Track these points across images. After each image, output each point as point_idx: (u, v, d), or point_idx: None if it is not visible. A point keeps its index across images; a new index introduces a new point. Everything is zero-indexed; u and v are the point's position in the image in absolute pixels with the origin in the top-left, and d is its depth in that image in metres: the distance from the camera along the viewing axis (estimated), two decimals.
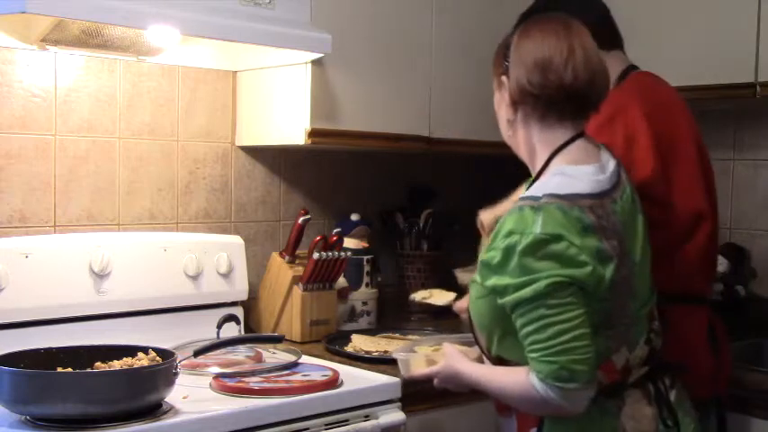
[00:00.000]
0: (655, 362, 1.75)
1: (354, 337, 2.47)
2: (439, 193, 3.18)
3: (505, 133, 1.82)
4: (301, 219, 2.60)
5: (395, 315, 2.99)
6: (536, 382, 1.57)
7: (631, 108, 2.04)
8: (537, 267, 1.55)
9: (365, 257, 2.76)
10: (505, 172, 2.03)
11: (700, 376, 2.00)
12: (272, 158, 2.78)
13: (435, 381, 1.87)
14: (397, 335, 2.56)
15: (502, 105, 1.80)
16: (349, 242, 2.71)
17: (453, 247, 2.92)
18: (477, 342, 1.79)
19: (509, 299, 1.58)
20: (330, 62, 2.45)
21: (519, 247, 1.56)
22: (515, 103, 1.74)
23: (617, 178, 1.71)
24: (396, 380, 2.13)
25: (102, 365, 1.85)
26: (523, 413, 1.73)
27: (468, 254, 2.45)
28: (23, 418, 1.72)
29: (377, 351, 2.33)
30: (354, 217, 2.82)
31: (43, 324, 2.17)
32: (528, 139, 1.75)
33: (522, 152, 1.79)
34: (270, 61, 2.52)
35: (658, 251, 1.88)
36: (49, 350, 1.86)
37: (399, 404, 2.12)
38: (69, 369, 1.82)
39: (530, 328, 1.57)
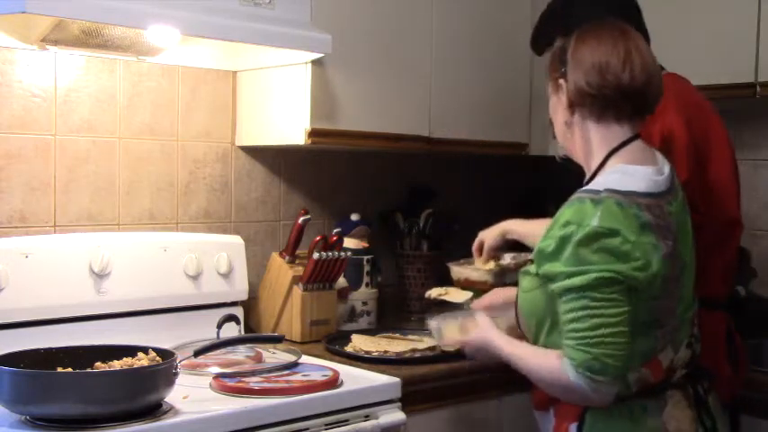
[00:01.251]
0: (694, 366, 1.76)
1: (354, 337, 2.47)
2: (439, 193, 3.18)
3: (561, 136, 1.84)
4: (301, 219, 2.60)
5: (395, 315, 2.99)
6: (568, 369, 1.61)
7: (668, 110, 2.04)
8: (590, 259, 1.59)
9: (365, 257, 2.76)
10: (505, 172, 2.03)
11: (719, 379, 2.00)
12: (272, 158, 2.78)
13: (466, 349, 1.92)
14: (397, 335, 2.56)
15: (558, 108, 1.82)
16: (349, 242, 2.71)
17: (453, 247, 2.92)
18: (522, 334, 1.81)
19: (558, 285, 1.62)
20: (330, 62, 2.45)
21: (575, 238, 1.60)
22: (573, 105, 1.77)
23: (671, 182, 1.74)
24: (396, 380, 2.13)
25: (102, 365, 1.85)
26: (562, 409, 1.76)
27: (467, 253, 2.46)
28: (23, 418, 1.72)
29: (377, 351, 2.33)
30: (354, 217, 2.82)
31: (43, 324, 2.16)
32: (585, 140, 1.78)
33: (578, 153, 1.82)
34: (270, 61, 2.52)
35: None
36: (48, 350, 1.86)
37: (399, 404, 2.12)
38: (69, 369, 1.82)
39: (572, 315, 1.61)
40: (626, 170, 1.70)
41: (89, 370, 1.83)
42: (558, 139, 1.86)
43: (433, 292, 2.49)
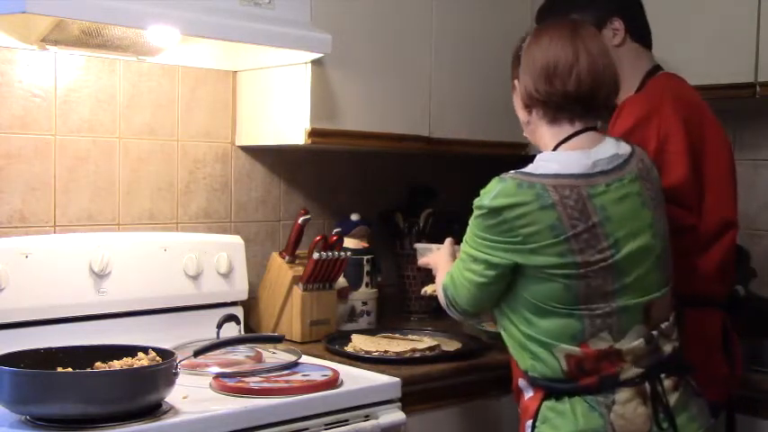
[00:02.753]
0: (654, 362, 1.75)
1: (354, 337, 2.47)
2: (439, 193, 3.18)
3: (524, 129, 1.93)
4: (301, 219, 2.60)
5: (395, 315, 2.99)
6: (442, 285, 1.92)
7: (665, 109, 2.04)
8: (482, 234, 1.77)
9: (365, 257, 2.76)
10: (505, 172, 2.04)
11: (714, 379, 2.00)
12: (272, 158, 2.78)
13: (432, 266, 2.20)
14: (397, 335, 2.56)
15: (518, 107, 1.90)
16: (349, 242, 2.71)
17: None
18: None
19: (465, 237, 1.84)
20: (330, 62, 2.45)
21: (476, 210, 1.79)
22: (528, 106, 1.84)
23: (614, 165, 1.76)
24: (396, 380, 2.13)
25: (102, 365, 1.85)
26: (522, 406, 1.85)
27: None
28: (23, 418, 1.72)
29: (377, 351, 2.33)
30: (354, 217, 2.82)
31: (43, 324, 2.17)
32: (542, 137, 1.86)
33: (539, 145, 1.90)
34: (270, 61, 2.52)
35: (684, 254, 1.89)
36: (48, 350, 1.86)
37: (399, 404, 2.12)
38: (69, 369, 1.82)
39: (463, 255, 1.85)
40: (547, 156, 1.79)
41: (89, 370, 1.83)
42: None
43: (429, 289, 2.50)
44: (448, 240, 2.17)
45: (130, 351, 1.91)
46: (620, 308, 1.72)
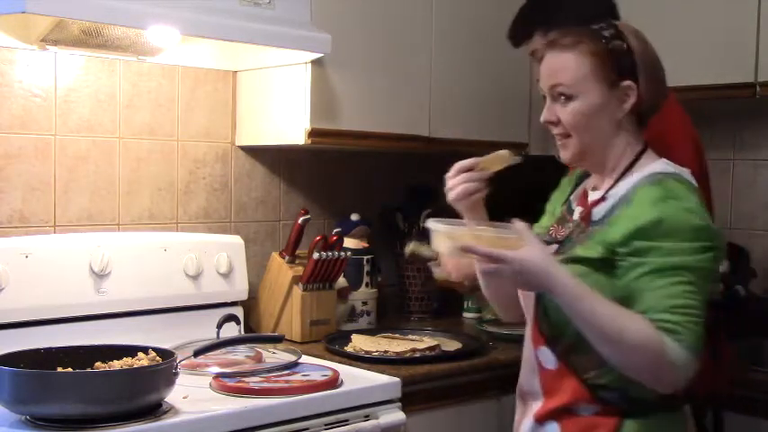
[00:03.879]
0: None
1: (354, 337, 2.47)
2: (439, 193, 3.17)
3: (601, 137, 1.69)
4: (301, 219, 2.60)
5: (395, 315, 2.99)
6: (675, 346, 1.49)
7: None
8: (703, 235, 1.54)
9: (365, 257, 2.76)
10: (505, 172, 2.03)
11: (700, 374, 1.99)
12: (272, 158, 2.78)
13: (503, 266, 1.51)
14: (397, 335, 2.56)
15: (607, 109, 1.67)
16: (349, 242, 2.71)
17: None
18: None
19: (667, 260, 1.51)
20: (330, 62, 2.45)
21: (701, 241, 1.53)
22: (638, 111, 1.69)
23: None
24: (396, 380, 2.13)
25: (102, 365, 1.85)
26: (587, 422, 1.62)
27: None
28: (23, 418, 1.73)
29: (377, 351, 2.33)
30: (354, 217, 2.82)
31: (43, 324, 2.17)
32: (626, 142, 1.69)
33: (608, 157, 1.71)
34: (270, 61, 2.52)
35: None
36: (48, 350, 1.86)
37: (399, 404, 2.13)
38: (69, 369, 1.82)
39: (681, 288, 1.50)
40: (668, 163, 1.68)
41: (89, 370, 1.83)
42: (581, 140, 1.68)
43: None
44: (522, 226, 1.57)
45: (130, 351, 1.91)
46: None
